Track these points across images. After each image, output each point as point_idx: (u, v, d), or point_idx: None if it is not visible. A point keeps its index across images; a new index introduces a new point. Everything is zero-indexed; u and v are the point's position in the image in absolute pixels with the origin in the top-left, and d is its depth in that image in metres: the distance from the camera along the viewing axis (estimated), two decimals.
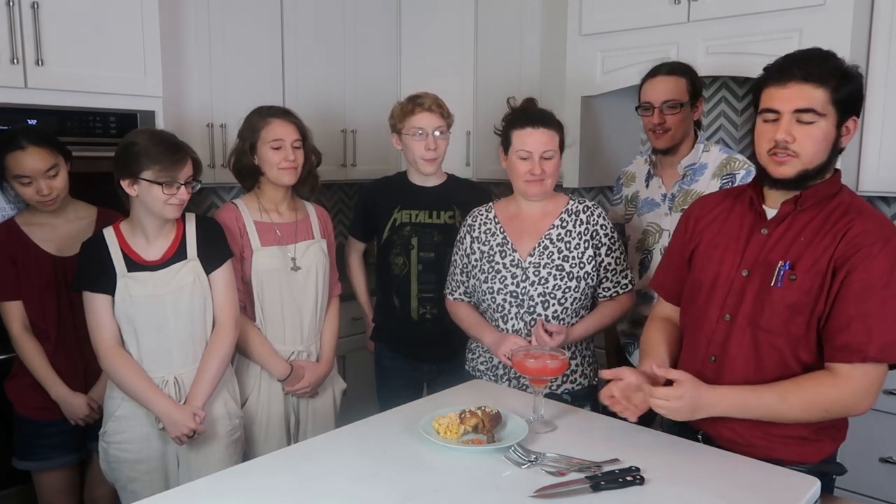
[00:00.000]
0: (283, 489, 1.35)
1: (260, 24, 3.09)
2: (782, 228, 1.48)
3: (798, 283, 1.43)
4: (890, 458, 2.26)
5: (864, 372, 1.37)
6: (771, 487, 1.34)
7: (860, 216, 1.41)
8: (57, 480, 2.20)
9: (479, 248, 2.06)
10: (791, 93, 1.40)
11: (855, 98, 1.42)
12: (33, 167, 2.01)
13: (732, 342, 1.52)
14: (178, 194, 1.86)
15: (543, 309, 1.96)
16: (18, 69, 2.22)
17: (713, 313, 1.56)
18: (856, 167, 2.48)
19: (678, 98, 2.14)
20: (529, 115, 1.97)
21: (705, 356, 1.57)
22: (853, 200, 1.47)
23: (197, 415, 1.92)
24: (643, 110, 2.20)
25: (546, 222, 2.01)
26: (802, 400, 1.40)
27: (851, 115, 1.42)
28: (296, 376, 2.19)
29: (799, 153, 1.41)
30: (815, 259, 1.42)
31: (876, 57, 2.41)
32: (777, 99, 1.41)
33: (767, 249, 1.48)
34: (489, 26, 3.41)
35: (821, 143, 1.40)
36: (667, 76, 2.16)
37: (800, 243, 1.45)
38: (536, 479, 1.37)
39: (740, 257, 1.52)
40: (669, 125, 2.14)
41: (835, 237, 1.41)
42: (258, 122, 2.16)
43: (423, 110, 2.32)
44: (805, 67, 1.39)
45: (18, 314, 2.10)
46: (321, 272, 2.26)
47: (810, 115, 1.38)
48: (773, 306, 1.46)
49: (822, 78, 1.38)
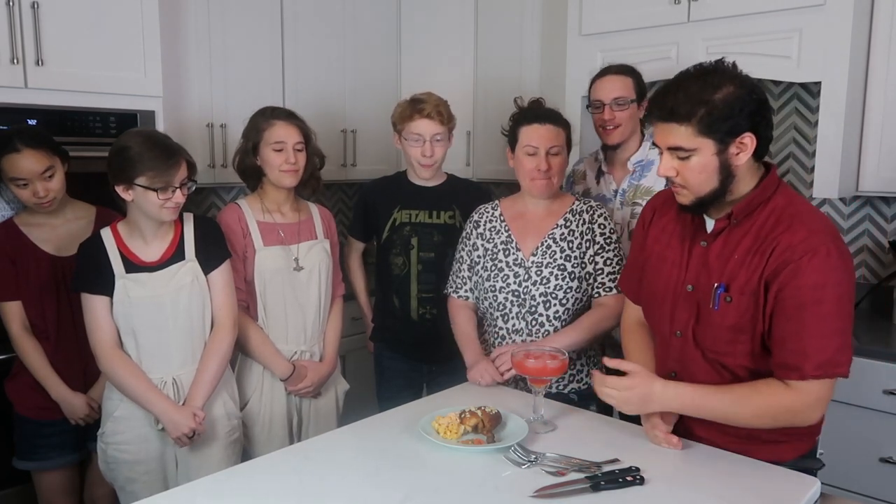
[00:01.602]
0: (283, 489, 1.35)
1: (260, 24, 3.09)
2: (719, 243, 1.47)
3: (734, 304, 1.43)
4: (890, 458, 2.26)
5: (811, 386, 1.36)
6: (771, 487, 1.34)
7: (789, 229, 1.38)
8: (57, 480, 2.20)
9: (483, 246, 2.06)
10: (660, 131, 1.41)
11: (731, 119, 1.35)
12: (29, 169, 2.01)
13: (686, 358, 1.53)
14: (173, 198, 1.86)
15: (545, 309, 1.96)
16: (18, 69, 2.22)
17: (666, 328, 1.56)
18: (856, 167, 2.48)
19: (627, 95, 2.23)
20: (536, 111, 1.99)
21: (666, 370, 1.57)
22: (788, 205, 1.43)
23: (196, 415, 1.92)
24: (594, 108, 2.28)
25: (550, 222, 2.01)
26: (757, 406, 1.40)
27: (742, 133, 1.36)
28: (298, 376, 2.19)
29: (685, 185, 1.43)
30: (747, 279, 1.41)
31: (876, 57, 2.41)
32: (656, 136, 1.44)
33: (707, 267, 1.48)
34: (489, 26, 3.41)
35: (700, 175, 1.40)
36: (616, 75, 2.26)
37: (734, 262, 1.44)
38: (536, 479, 1.37)
39: (685, 271, 1.52)
40: (619, 121, 2.23)
41: (763, 255, 1.39)
42: (262, 123, 2.16)
43: (423, 117, 2.31)
44: (664, 107, 1.39)
45: (18, 314, 2.10)
46: (324, 272, 2.26)
47: (680, 152, 1.40)
48: (713, 329, 1.46)
49: (679, 116, 1.37)
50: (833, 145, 2.40)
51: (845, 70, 2.33)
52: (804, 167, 2.86)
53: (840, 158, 2.39)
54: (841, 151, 2.39)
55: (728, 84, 1.36)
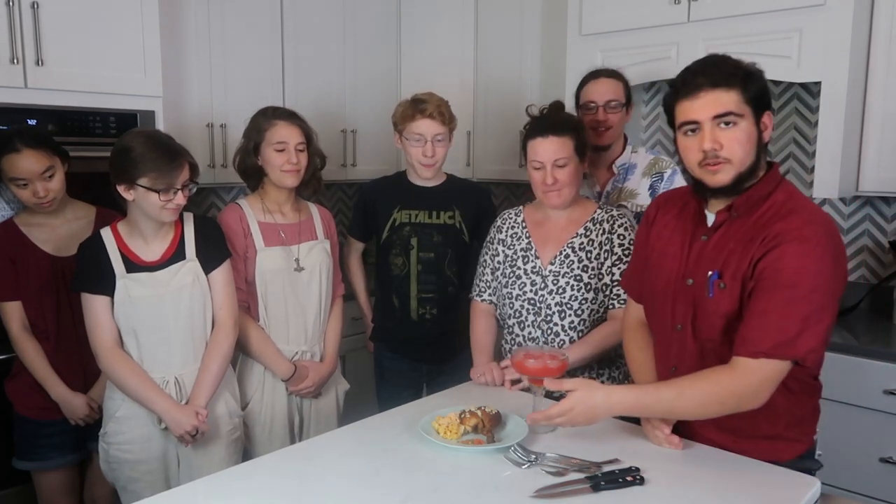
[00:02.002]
0: (284, 489, 1.35)
1: (260, 24, 3.09)
2: (718, 236, 1.48)
3: (728, 290, 1.43)
4: (890, 458, 2.26)
5: (760, 365, 1.35)
6: (771, 487, 1.34)
7: (785, 218, 1.40)
8: (57, 480, 2.20)
9: (504, 252, 2.06)
10: (705, 101, 1.40)
11: (763, 94, 1.43)
12: (29, 170, 2.01)
13: (685, 352, 1.53)
14: (175, 199, 1.85)
15: (560, 318, 1.94)
16: (18, 69, 2.22)
17: (667, 323, 1.57)
18: (856, 167, 2.48)
19: (619, 98, 2.25)
20: (541, 123, 1.94)
21: (668, 366, 1.58)
22: (788, 199, 1.44)
23: (199, 413, 1.92)
24: (586, 110, 2.28)
25: (570, 230, 1.98)
26: (700, 394, 1.40)
27: (765, 111, 1.43)
28: (299, 376, 2.19)
29: (730, 158, 1.41)
30: (738, 264, 1.42)
31: (876, 57, 2.41)
32: (693, 110, 1.42)
33: (706, 259, 1.48)
34: (489, 26, 3.41)
35: (746, 144, 1.41)
36: (608, 78, 2.28)
37: (729, 250, 1.45)
38: (536, 479, 1.37)
39: (684, 266, 1.53)
40: (611, 123, 2.24)
41: (755, 241, 1.41)
42: (263, 123, 2.16)
43: (424, 117, 2.30)
44: (710, 75, 1.41)
45: (18, 314, 2.09)
46: (325, 272, 2.26)
47: (730, 117, 1.39)
48: (708, 316, 1.47)
49: (729, 81, 1.39)
50: (833, 145, 2.40)
51: (845, 70, 2.33)
52: (804, 167, 2.86)
53: (840, 158, 2.39)
54: (841, 151, 2.39)
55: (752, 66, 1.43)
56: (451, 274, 2.41)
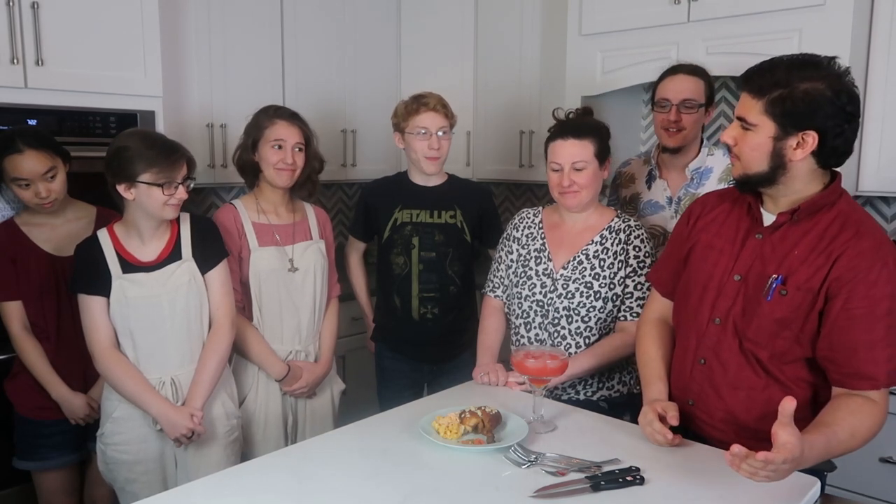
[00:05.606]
0: (283, 489, 1.34)
1: (260, 24, 3.09)
2: (777, 237, 1.48)
3: (788, 298, 1.43)
4: (890, 458, 2.26)
5: (883, 396, 1.39)
6: (771, 487, 1.34)
7: (857, 235, 1.40)
8: (57, 480, 2.20)
9: (518, 251, 2.05)
10: (740, 101, 1.46)
11: (793, 113, 1.37)
12: (31, 170, 2.01)
13: (721, 346, 1.53)
14: (176, 194, 1.86)
15: (567, 323, 1.94)
16: (18, 69, 2.22)
17: (704, 315, 1.56)
18: (856, 167, 2.48)
19: (696, 98, 2.14)
20: (564, 126, 1.93)
21: (695, 358, 1.57)
22: (852, 212, 1.45)
23: (195, 415, 1.92)
24: (658, 107, 2.18)
25: (586, 237, 1.97)
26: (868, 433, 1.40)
27: (807, 129, 1.37)
28: (293, 376, 2.19)
29: (739, 156, 1.46)
30: (808, 277, 1.42)
31: (876, 57, 2.41)
32: (740, 106, 1.46)
33: (762, 258, 1.48)
34: (489, 26, 3.41)
35: (754, 152, 1.42)
36: (687, 75, 2.17)
37: (794, 257, 1.44)
38: (536, 479, 1.38)
39: (734, 261, 1.53)
40: (685, 124, 2.14)
41: (829, 257, 1.40)
42: (264, 120, 2.17)
43: (428, 110, 2.31)
44: (749, 77, 1.43)
45: (18, 314, 2.10)
46: (319, 273, 2.26)
47: (744, 122, 1.43)
48: (760, 318, 1.46)
49: (758, 90, 1.40)
50: None
51: None
52: None
53: None
54: None
55: (819, 81, 1.36)
56: (453, 273, 2.41)
